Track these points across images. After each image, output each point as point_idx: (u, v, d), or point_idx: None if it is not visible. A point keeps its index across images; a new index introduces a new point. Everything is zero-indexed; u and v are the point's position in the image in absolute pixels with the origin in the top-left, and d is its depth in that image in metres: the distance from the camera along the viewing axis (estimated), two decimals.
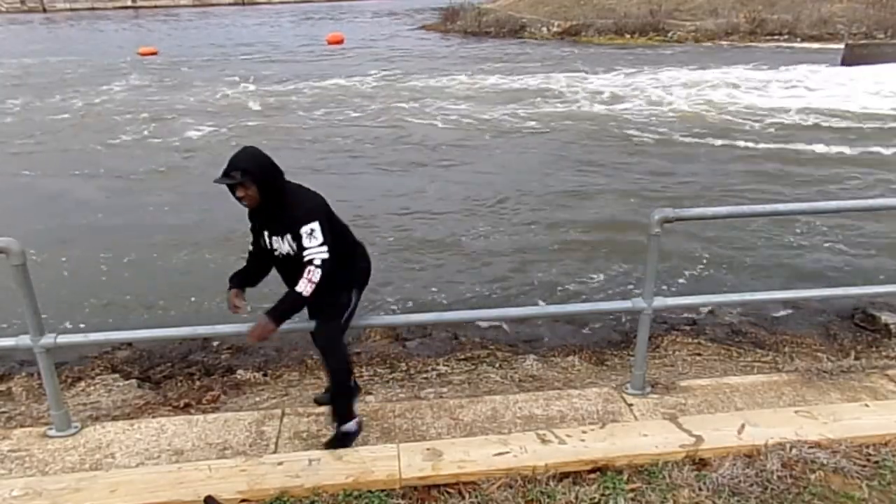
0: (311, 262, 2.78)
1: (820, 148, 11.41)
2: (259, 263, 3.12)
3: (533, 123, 13.97)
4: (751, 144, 11.87)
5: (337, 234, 2.95)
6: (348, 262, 3.04)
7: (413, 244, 7.64)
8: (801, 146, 11.57)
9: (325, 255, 2.79)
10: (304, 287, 2.77)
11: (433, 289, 6.48)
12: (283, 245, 2.92)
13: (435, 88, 18.22)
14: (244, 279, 3.17)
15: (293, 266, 2.88)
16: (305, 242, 2.80)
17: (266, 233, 3.00)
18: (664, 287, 6.20)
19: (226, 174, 2.79)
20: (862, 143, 11.61)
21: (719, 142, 12.05)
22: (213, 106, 16.58)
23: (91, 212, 9.01)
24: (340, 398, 3.10)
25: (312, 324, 3.10)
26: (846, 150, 11.24)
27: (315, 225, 2.81)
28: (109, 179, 10.57)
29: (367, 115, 15.20)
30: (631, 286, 6.31)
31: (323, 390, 3.67)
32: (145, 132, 13.71)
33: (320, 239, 2.80)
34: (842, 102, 15.05)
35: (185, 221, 8.49)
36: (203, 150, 12.16)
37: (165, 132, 13.65)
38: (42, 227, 8.23)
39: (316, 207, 2.90)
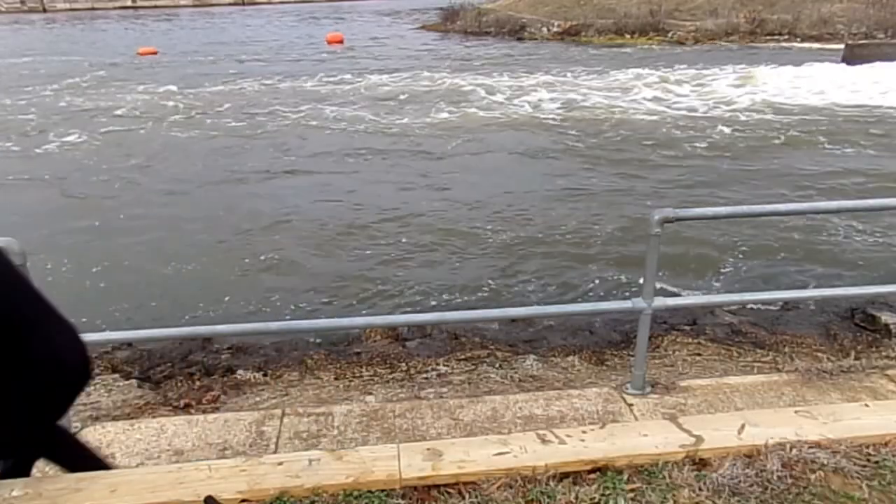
0: None
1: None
2: None
3: (539, 122, 13.96)
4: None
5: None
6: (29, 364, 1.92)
7: (410, 245, 7.64)
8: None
9: None
10: None
11: (433, 289, 6.48)
12: None
13: (424, 88, 18.20)
14: None
15: None
16: None
17: None
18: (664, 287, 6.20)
19: None
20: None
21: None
22: (139, 108, 16.38)
23: None
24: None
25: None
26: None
27: None
28: None
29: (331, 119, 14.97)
30: (632, 286, 6.30)
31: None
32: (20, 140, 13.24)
33: None
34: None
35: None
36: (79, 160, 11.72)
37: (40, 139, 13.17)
38: None
39: None
